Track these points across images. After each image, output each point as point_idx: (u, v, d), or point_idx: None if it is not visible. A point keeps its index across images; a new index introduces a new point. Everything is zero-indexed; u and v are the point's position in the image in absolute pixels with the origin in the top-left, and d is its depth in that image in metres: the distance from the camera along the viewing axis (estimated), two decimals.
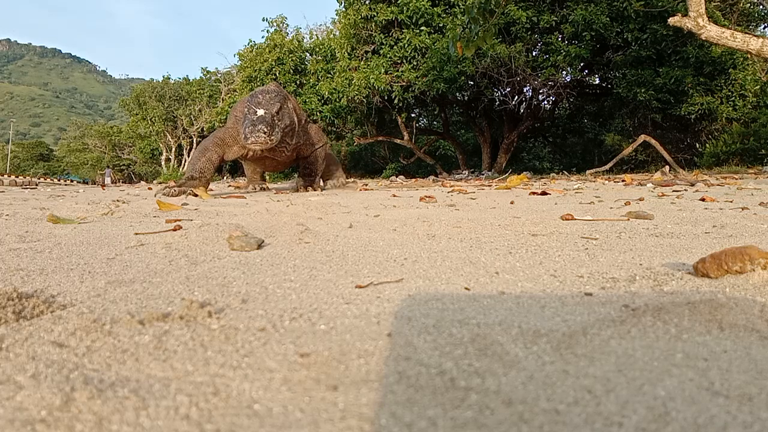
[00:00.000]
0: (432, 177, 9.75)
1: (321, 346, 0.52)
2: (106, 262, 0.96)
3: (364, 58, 12.76)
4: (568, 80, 12.89)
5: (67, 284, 0.79)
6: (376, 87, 12.00)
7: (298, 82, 15.30)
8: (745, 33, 6.12)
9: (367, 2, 12.70)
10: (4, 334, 0.55)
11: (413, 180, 8.94)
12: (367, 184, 6.61)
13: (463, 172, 12.78)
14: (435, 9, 11.98)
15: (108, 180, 24.76)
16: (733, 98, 11.89)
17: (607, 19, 11.24)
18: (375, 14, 12.27)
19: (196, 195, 3.42)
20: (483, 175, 11.25)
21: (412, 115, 16.21)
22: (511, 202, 2.62)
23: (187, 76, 27.53)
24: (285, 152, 4.24)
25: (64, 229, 1.42)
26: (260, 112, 3.59)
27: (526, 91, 13.56)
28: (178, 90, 26.31)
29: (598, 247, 1.15)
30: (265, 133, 3.45)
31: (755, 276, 0.75)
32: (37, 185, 6.28)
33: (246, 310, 0.65)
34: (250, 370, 0.47)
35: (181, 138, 26.43)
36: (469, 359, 0.48)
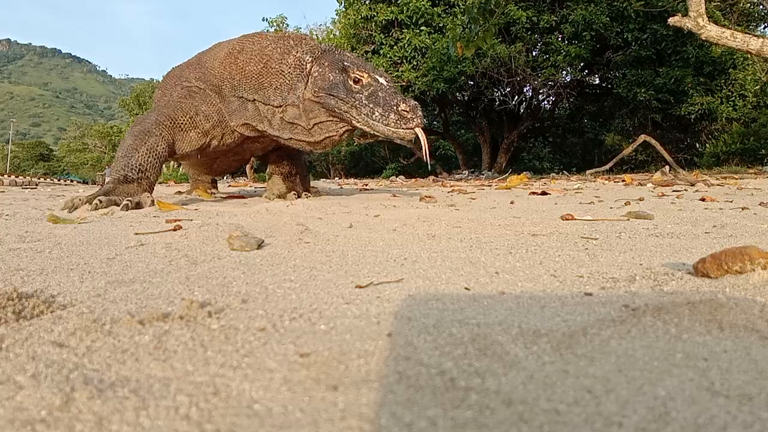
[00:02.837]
0: (432, 177, 9.76)
1: (321, 346, 0.52)
2: (106, 262, 0.96)
3: (364, 58, 12.76)
4: (568, 80, 12.90)
5: (67, 284, 0.79)
6: None
7: None
8: (745, 33, 6.12)
9: (367, 2, 12.70)
10: (4, 334, 0.55)
11: (413, 180, 8.94)
12: (367, 184, 6.61)
13: (463, 172, 12.78)
14: (435, 9, 11.98)
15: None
16: (733, 98, 11.90)
17: (607, 19, 11.25)
18: (375, 14, 12.27)
19: (139, 207, 2.13)
20: (483, 175, 11.25)
21: None
22: (511, 202, 2.62)
23: None
24: (264, 141, 2.88)
25: (64, 229, 1.42)
26: (383, 81, 2.33)
27: (526, 91, 13.57)
28: None
29: (598, 247, 1.15)
30: (421, 111, 2.29)
31: (755, 276, 0.75)
32: (37, 185, 6.29)
33: (246, 310, 0.65)
34: (250, 370, 0.47)
35: None
36: (469, 359, 0.48)
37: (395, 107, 2.24)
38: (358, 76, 2.33)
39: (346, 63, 2.38)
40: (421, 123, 2.25)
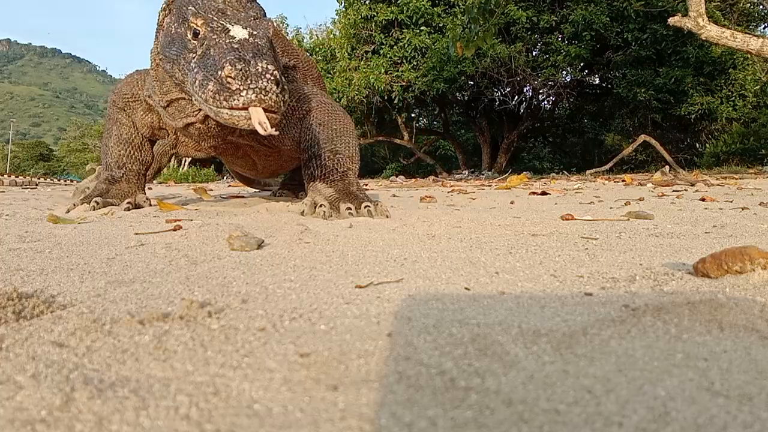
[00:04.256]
0: (432, 177, 9.76)
1: (321, 346, 0.52)
2: (106, 262, 0.96)
3: (364, 58, 12.78)
4: (568, 80, 12.91)
5: (67, 284, 0.79)
6: (376, 87, 12.02)
7: None
8: (745, 33, 6.12)
9: (367, 2, 12.71)
10: (4, 334, 0.55)
11: (413, 180, 8.93)
12: (366, 184, 6.61)
13: (463, 172, 12.78)
14: (435, 9, 11.99)
15: None
16: (733, 98, 11.90)
17: (607, 19, 11.25)
18: (375, 14, 12.28)
19: (136, 206, 2.08)
20: (483, 175, 11.24)
21: (412, 115, 16.22)
22: (511, 202, 2.62)
23: None
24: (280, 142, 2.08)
25: (64, 229, 1.42)
26: (237, 31, 1.52)
27: (526, 91, 13.59)
28: None
29: (598, 247, 1.14)
30: (274, 82, 1.41)
31: (755, 276, 0.75)
32: (37, 185, 6.29)
33: (246, 310, 0.65)
34: (250, 370, 0.47)
35: None
36: (469, 359, 0.48)
37: (219, 71, 1.38)
38: (197, 27, 1.55)
39: (190, 8, 1.61)
40: (260, 99, 1.36)
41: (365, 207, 1.77)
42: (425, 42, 11.72)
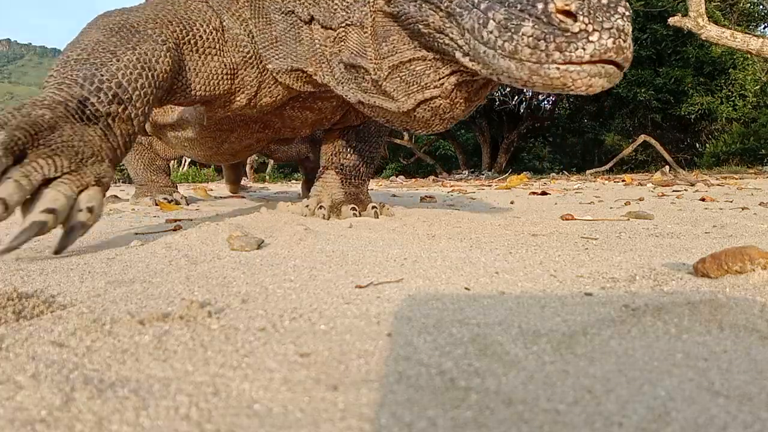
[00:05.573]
0: (432, 177, 9.76)
1: (321, 346, 0.52)
2: (106, 262, 0.96)
3: None
4: None
5: (67, 284, 0.79)
6: None
7: None
8: (745, 33, 6.12)
9: None
10: (4, 334, 0.55)
11: (413, 180, 8.94)
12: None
13: (463, 172, 12.77)
14: None
15: None
16: (733, 98, 11.90)
17: None
18: None
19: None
20: (483, 175, 11.24)
21: None
22: (511, 202, 2.62)
23: None
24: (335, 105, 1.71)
25: None
26: None
27: (526, 91, 13.57)
28: None
29: (598, 247, 1.15)
30: (629, 19, 0.89)
31: (755, 276, 0.75)
32: None
33: (246, 310, 0.65)
34: (250, 370, 0.47)
35: None
36: (469, 359, 0.48)
37: (541, 3, 0.87)
38: None
39: None
40: (618, 47, 0.88)
41: (371, 208, 1.76)
42: None
